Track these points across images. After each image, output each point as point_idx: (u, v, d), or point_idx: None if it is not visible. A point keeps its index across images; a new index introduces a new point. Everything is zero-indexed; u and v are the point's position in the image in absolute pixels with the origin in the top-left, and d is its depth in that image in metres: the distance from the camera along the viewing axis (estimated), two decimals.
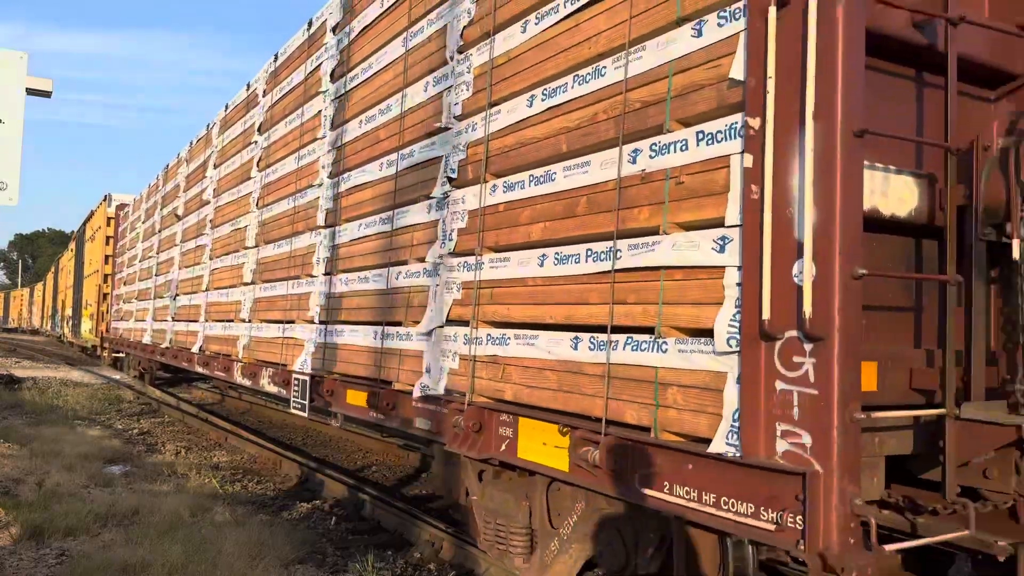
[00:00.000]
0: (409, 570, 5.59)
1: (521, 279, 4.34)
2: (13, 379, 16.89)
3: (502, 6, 4.63)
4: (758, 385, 2.91)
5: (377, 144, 6.13)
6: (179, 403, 15.17)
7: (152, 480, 8.02)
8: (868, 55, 2.90)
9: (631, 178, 3.60)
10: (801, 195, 2.78)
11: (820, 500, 2.67)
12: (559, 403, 3.94)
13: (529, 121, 4.35)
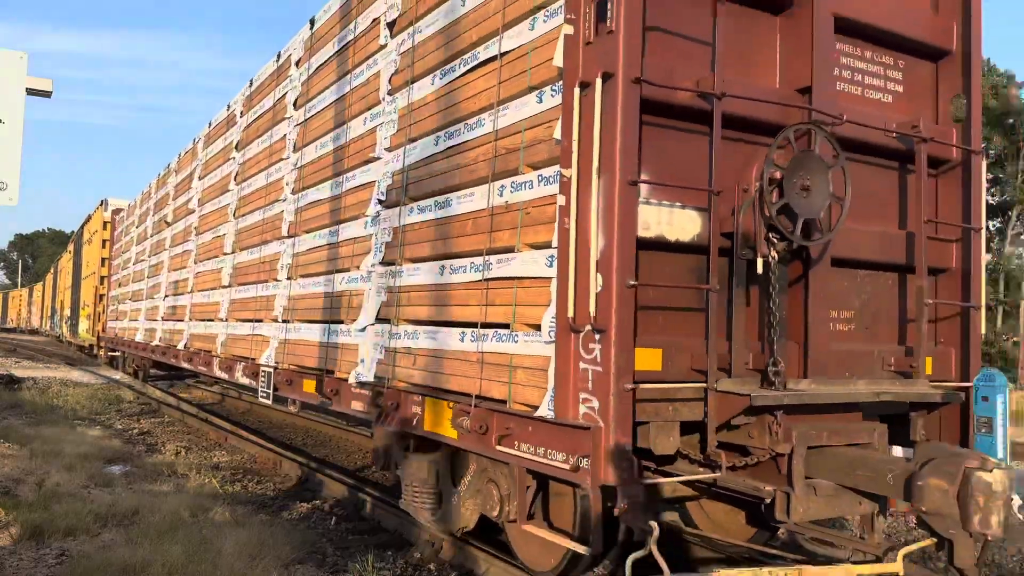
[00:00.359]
0: (409, 570, 5.58)
1: (428, 285, 5.41)
2: (13, 379, 16.90)
3: (418, 60, 5.65)
4: (568, 365, 4.01)
5: (328, 167, 7.19)
6: (179, 403, 15.17)
7: (152, 480, 8.01)
8: (663, 117, 4.08)
9: (499, 208, 4.67)
10: (595, 227, 3.87)
11: (602, 447, 3.74)
12: (453, 385, 4.99)
13: (436, 157, 5.40)
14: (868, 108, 4.86)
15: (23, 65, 5.22)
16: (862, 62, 4.93)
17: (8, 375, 17.50)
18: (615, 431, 3.75)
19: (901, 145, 4.84)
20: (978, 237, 5.09)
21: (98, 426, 12.05)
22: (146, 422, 13.04)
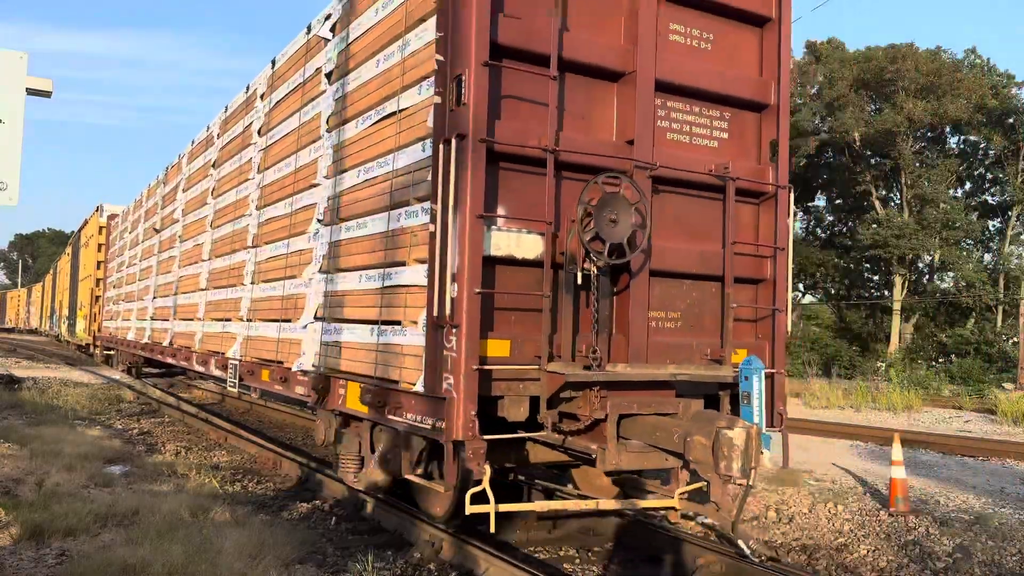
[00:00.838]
0: (409, 570, 5.58)
1: (350, 291, 6.67)
2: (13, 379, 16.89)
3: (347, 107, 6.96)
4: (435, 352, 5.22)
5: (283, 189, 8.42)
6: (179, 403, 15.16)
7: (152, 480, 8.00)
8: (517, 163, 5.34)
9: (396, 231, 5.93)
10: (452, 248, 5.09)
11: (454, 413, 5.01)
12: (364, 370, 6.22)
13: (357, 186, 6.64)
14: (694, 153, 6.14)
15: (23, 65, 5.22)
16: (691, 115, 6.20)
17: (8, 375, 17.50)
18: (464, 401, 5.02)
19: (719, 182, 6.08)
20: (783, 254, 6.34)
21: (98, 426, 12.04)
22: (146, 422, 13.04)
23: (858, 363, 31.20)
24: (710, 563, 5.62)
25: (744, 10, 6.37)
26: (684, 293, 6.14)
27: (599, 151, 5.67)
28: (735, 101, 6.35)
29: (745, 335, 6.40)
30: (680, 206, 6.05)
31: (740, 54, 6.47)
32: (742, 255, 6.26)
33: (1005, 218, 34.88)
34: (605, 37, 5.80)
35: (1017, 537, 6.26)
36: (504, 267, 5.35)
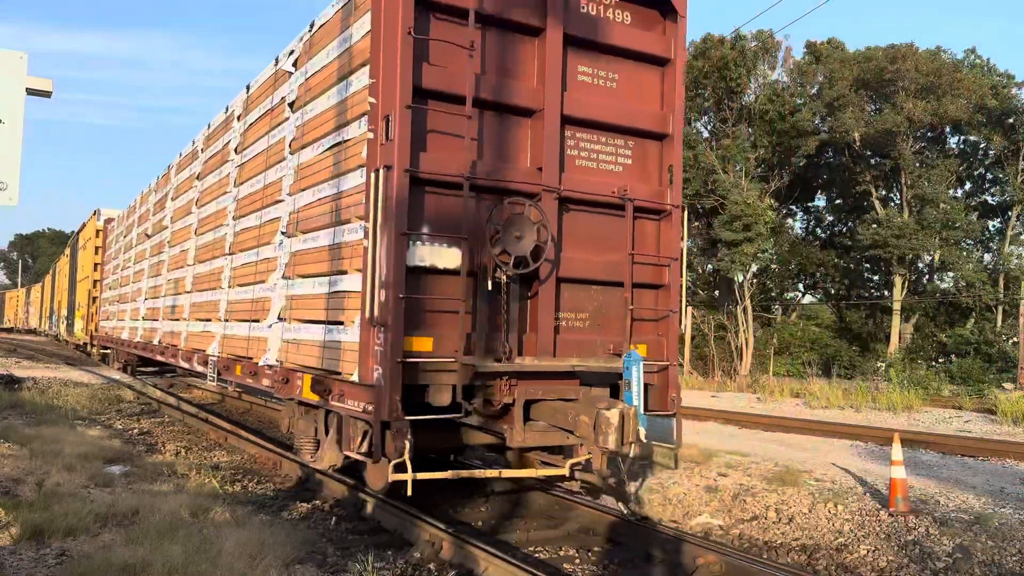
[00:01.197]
0: (409, 570, 5.59)
1: (305, 295, 7.63)
2: (13, 379, 16.88)
3: (305, 134, 7.86)
4: (368, 348, 6.10)
5: (254, 203, 9.35)
6: (179, 403, 15.16)
7: (152, 480, 8.01)
8: (441, 188, 6.25)
9: (340, 244, 6.84)
10: (380, 260, 6.01)
11: (382, 398, 5.91)
12: (317, 363, 7.17)
13: (312, 204, 7.57)
14: (601, 177, 7.07)
15: (23, 65, 5.21)
16: (598, 145, 7.16)
17: (8, 375, 17.50)
18: (390, 388, 5.94)
19: (622, 202, 7.01)
20: (677, 264, 7.47)
21: (98, 426, 12.04)
22: (146, 422, 13.04)
23: (858, 363, 31.19)
24: (710, 563, 5.62)
25: (645, 53, 7.34)
26: (591, 297, 7.10)
27: (512, 177, 6.60)
28: (638, 132, 7.34)
29: (647, 333, 7.36)
30: (588, 222, 7.03)
31: (642, 91, 7.43)
32: (643, 264, 7.28)
33: (1005, 218, 34.87)
34: (518, 81, 6.76)
35: (1017, 537, 6.26)
36: (427, 275, 6.27)
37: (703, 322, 31.33)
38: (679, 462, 8.77)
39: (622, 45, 7.23)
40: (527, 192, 6.61)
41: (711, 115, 35.17)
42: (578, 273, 6.92)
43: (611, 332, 7.10)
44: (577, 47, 7.01)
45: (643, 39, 7.36)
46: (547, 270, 6.67)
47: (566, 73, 6.92)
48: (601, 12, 7.13)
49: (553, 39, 6.76)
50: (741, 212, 28.98)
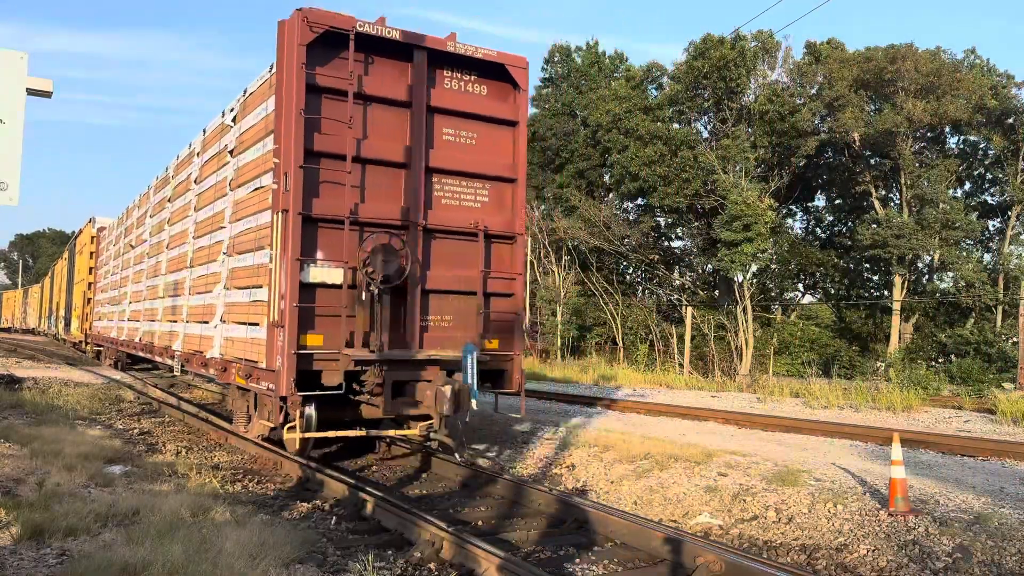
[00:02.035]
0: (409, 570, 5.60)
1: (237, 302, 9.80)
2: (14, 379, 16.89)
3: (239, 176, 10.02)
4: (272, 342, 8.20)
5: (207, 227, 11.56)
6: (180, 403, 15.16)
7: (152, 480, 8.02)
8: (331, 224, 8.39)
9: (258, 264, 8.95)
10: (281, 279, 8.09)
11: (281, 380, 8.02)
12: (243, 355, 9.30)
13: (242, 232, 9.76)
14: (463, 213, 9.35)
15: (23, 65, 5.22)
16: (460, 188, 9.36)
17: (9, 375, 17.50)
18: (286, 372, 8.03)
19: (485, 231, 9.36)
20: (521, 277, 9.68)
21: (98, 426, 12.05)
22: (146, 422, 13.05)
23: (858, 363, 31.17)
24: (710, 562, 5.62)
25: (498, 117, 9.60)
26: (454, 303, 9.24)
27: (386, 215, 8.79)
28: (493, 177, 9.57)
29: (500, 331, 9.52)
30: (451, 246, 9.24)
31: (496, 146, 9.62)
32: (496, 278, 9.47)
33: (1005, 218, 34.85)
34: (392, 142, 8.91)
35: (1017, 537, 6.26)
36: (319, 288, 8.40)
37: (703, 322, 31.32)
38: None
39: (479, 112, 9.50)
40: (398, 226, 8.81)
41: (711, 115, 35.16)
42: (442, 285, 9.14)
43: (470, 330, 9.23)
44: (442, 114, 9.27)
45: (496, 107, 9.60)
46: (413, 283, 8.85)
47: (432, 134, 9.19)
48: (462, 87, 9.47)
49: (419, 110, 9.00)
50: (741, 212, 28.97)
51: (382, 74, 8.86)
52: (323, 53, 8.40)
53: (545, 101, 42.82)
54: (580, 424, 12.17)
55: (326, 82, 8.42)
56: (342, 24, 8.39)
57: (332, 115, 8.44)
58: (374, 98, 8.78)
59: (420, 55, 9.02)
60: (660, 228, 40.21)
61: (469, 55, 9.30)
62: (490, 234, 9.42)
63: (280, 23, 8.45)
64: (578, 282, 37.33)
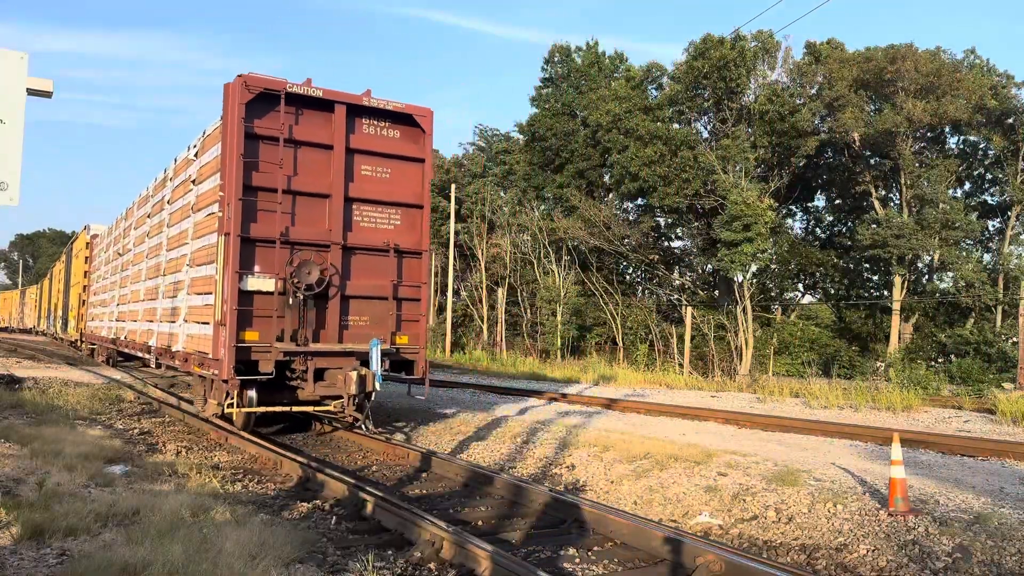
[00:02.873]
0: (409, 570, 5.60)
1: (195, 305, 11.58)
2: (14, 379, 16.89)
3: (199, 202, 11.79)
4: (218, 338, 10.27)
5: (176, 242, 13.37)
6: (180, 403, 15.15)
7: (153, 480, 8.02)
8: (266, 244, 10.40)
9: (209, 275, 10.89)
10: (225, 287, 10.13)
11: (223, 367, 10.06)
12: (199, 348, 11.21)
13: (200, 249, 11.62)
14: (378, 234, 11.30)
15: (23, 65, 5.22)
16: (376, 213, 11.30)
17: (9, 375, 17.50)
18: (228, 361, 9.84)
19: (395, 249, 11.36)
20: (426, 286, 11.80)
21: (99, 426, 12.05)
22: (147, 422, 13.05)
23: (857, 363, 31.17)
24: (710, 562, 5.62)
25: (408, 156, 11.56)
26: (370, 306, 11.23)
27: (312, 237, 10.73)
28: (404, 204, 11.54)
29: (409, 329, 11.54)
30: (368, 260, 11.22)
31: (407, 178, 11.57)
32: (407, 286, 11.53)
33: (1005, 218, 34.85)
34: (318, 177, 10.88)
35: (1016, 537, 6.26)
36: (257, 295, 10.34)
37: (703, 322, 31.33)
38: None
39: (392, 152, 11.43)
40: (322, 244, 10.77)
41: (711, 115, 35.16)
42: (360, 292, 11.10)
43: (385, 329, 11.24)
44: (361, 153, 11.20)
45: (406, 147, 11.56)
46: (334, 291, 10.81)
47: (352, 170, 11.11)
48: (378, 132, 11.38)
49: (340, 151, 10.96)
50: (741, 212, 28.98)
51: (309, 123, 10.81)
52: (260, 108, 10.37)
53: (545, 101, 42.83)
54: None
55: (262, 131, 10.38)
56: (274, 86, 10.39)
57: (267, 157, 10.42)
58: (303, 142, 10.76)
59: (340, 108, 10.96)
60: (660, 228, 40.23)
61: (382, 107, 11.21)
62: (401, 250, 11.47)
63: (225, 85, 10.33)
64: (578, 282, 37.33)
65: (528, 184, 41.96)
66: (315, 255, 10.58)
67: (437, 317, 44.69)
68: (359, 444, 11.46)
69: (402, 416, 14.06)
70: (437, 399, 16.15)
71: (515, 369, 28.91)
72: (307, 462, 9.06)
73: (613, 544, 6.57)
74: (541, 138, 41.00)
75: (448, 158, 51.08)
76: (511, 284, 40.94)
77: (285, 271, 10.33)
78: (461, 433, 12.24)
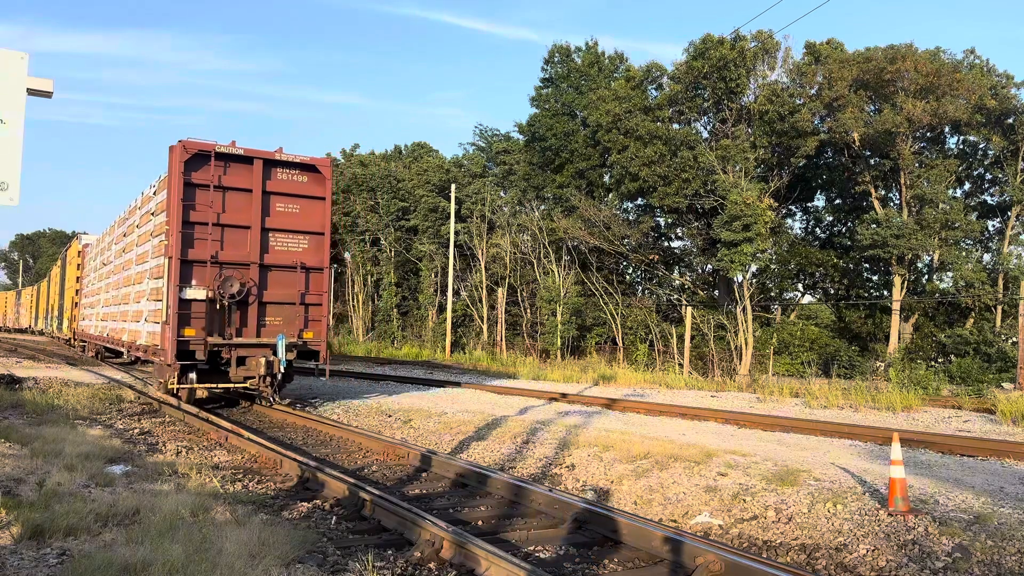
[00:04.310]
0: (409, 569, 5.60)
1: (152, 309, 15.24)
2: (14, 379, 16.90)
3: (157, 229, 15.19)
4: (165, 333, 13.90)
5: (144, 258, 16.38)
6: (180, 403, 15.16)
7: (153, 480, 8.02)
8: (199, 263, 14.03)
9: (159, 287, 14.65)
10: (169, 295, 13.79)
11: (167, 355, 13.78)
12: (152, 342, 15.22)
13: (158, 266, 14.76)
14: (290, 255, 14.76)
15: (24, 65, 5.22)
16: (288, 239, 14.75)
17: (9, 375, 17.51)
18: (171, 350, 13.52)
19: (302, 265, 14.86)
20: (327, 294, 15.21)
21: (99, 426, 12.05)
22: (147, 422, 13.05)
23: (857, 363, 31.16)
24: (710, 562, 5.63)
25: (313, 195, 15.05)
26: (284, 309, 14.63)
27: (236, 258, 14.03)
28: (310, 232, 15.00)
29: (315, 327, 14.98)
30: (282, 275, 14.64)
31: (313, 212, 15.04)
32: (312, 294, 14.93)
33: (1005, 218, 34.84)
34: (242, 213, 14.21)
35: (1016, 537, 6.27)
36: (193, 302, 13.56)
37: (703, 322, 31.32)
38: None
39: (300, 192, 14.97)
40: (243, 263, 14.19)
41: (711, 115, 35.16)
42: (276, 299, 14.58)
43: (294, 327, 14.69)
44: (276, 195, 14.68)
45: (312, 188, 15.09)
46: (253, 298, 14.24)
47: (269, 207, 14.59)
48: (289, 177, 14.92)
49: (257, 194, 14.42)
50: (740, 212, 28.96)
51: (234, 173, 14.28)
52: (196, 163, 13.84)
53: (545, 101, 42.80)
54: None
55: (198, 180, 13.86)
56: (206, 148, 13.95)
57: (201, 200, 13.87)
58: (229, 187, 14.21)
59: (258, 161, 14.49)
60: (660, 228, 40.21)
61: (290, 160, 14.87)
62: (307, 267, 14.97)
63: (170, 147, 13.94)
64: (578, 282, 37.32)
65: (528, 184, 41.95)
66: (237, 272, 14.03)
67: (437, 317, 44.70)
68: (359, 444, 11.47)
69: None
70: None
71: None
72: (307, 462, 9.06)
73: (613, 543, 6.57)
74: (541, 138, 40.98)
75: (448, 158, 51.10)
76: (511, 284, 40.94)
77: (214, 284, 13.76)
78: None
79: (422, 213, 46.22)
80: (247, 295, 14.00)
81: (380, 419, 14.47)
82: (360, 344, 45.38)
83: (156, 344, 14.39)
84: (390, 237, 48.76)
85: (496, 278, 41.50)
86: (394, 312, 48.38)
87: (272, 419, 14.46)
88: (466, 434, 12.20)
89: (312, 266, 14.88)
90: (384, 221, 48.70)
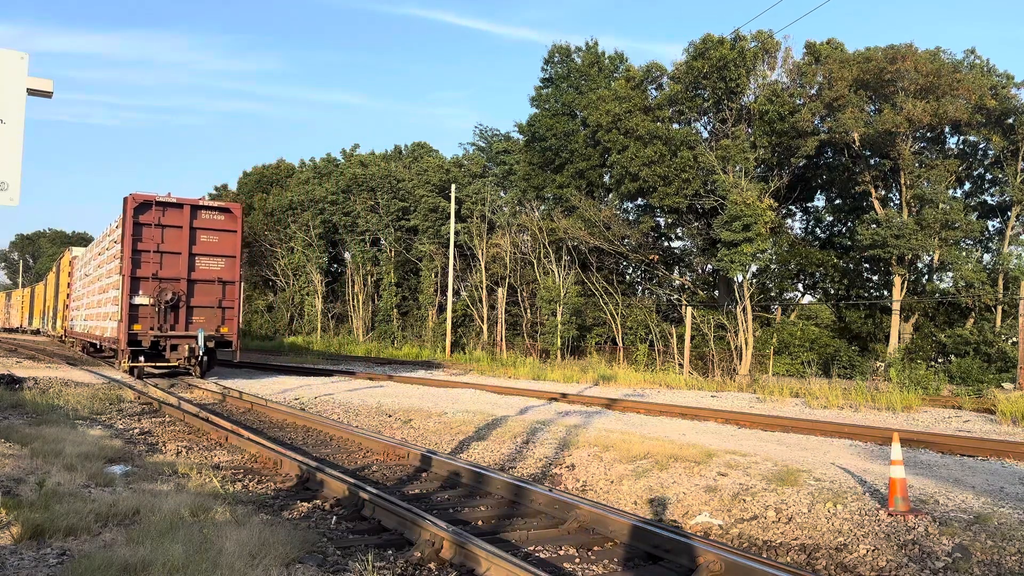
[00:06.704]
0: (409, 569, 5.60)
1: (115, 311, 21.87)
2: (14, 379, 16.90)
3: (121, 253, 21.49)
4: (120, 328, 20.86)
5: (113, 272, 22.62)
6: (180, 403, 15.15)
7: (153, 480, 8.02)
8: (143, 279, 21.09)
9: (118, 295, 21.75)
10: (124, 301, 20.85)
11: (120, 342, 20.97)
12: (115, 334, 21.68)
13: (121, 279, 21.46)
14: (212, 272, 21.65)
15: (24, 65, 5.22)
16: (210, 260, 21.64)
17: (9, 375, 17.51)
18: (124, 340, 20.60)
19: (219, 279, 21.76)
20: (238, 300, 22.19)
21: (99, 426, 12.05)
22: (147, 422, 13.05)
23: (857, 363, 31.16)
24: (710, 562, 5.63)
25: (228, 229, 21.73)
26: (206, 311, 21.30)
27: (171, 275, 20.88)
28: (226, 256, 21.67)
29: (230, 324, 21.47)
30: (206, 287, 21.35)
31: (228, 242, 21.68)
32: (228, 300, 21.64)
33: (1005, 218, 34.83)
34: (176, 243, 21.00)
35: (1017, 537, 6.27)
36: (140, 306, 20.59)
37: (703, 322, 31.32)
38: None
39: (219, 227, 21.48)
40: (176, 279, 20.75)
41: (711, 115, 35.16)
42: (201, 303, 21.04)
43: (214, 323, 21.11)
44: (201, 229, 21.19)
45: (227, 224, 21.63)
46: (183, 303, 20.73)
47: (195, 239, 21.12)
48: (211, 216, 21.46)
49: (186, 229, 20.92)
50: (740, 212, 28.96)
51: (171, 215, 20.76)
52: (143, 208, 20.34)
53: (545, 101, 42.80)
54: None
55: (144, 221, 20.32)
56: (150, 198, 20.40)
57: (147, 235, 20.39)
58: (166, 225, 20.67)
59: (187, 207, 21.00)
60: (660, 228, 40.20)
61: (211, 205, 21.77)
62: (223, 281, 21.45)
63: (124, 197, 20.45)
64: (578, 282, 37.32)
65: (528, 184, 41.95)
66: (172, 284, 20.63)
67: (437, 317, 44.70)
68: (359, 444, 11.48)
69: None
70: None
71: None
72: (307, 462, 9.06)
73: (613, 543, 6.57)
74: (541, 138, 40.98)
75: (448, 158, 51.09)
76: (511, 284, 40.94)
77: (155, 293, 20.33)
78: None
79: (422, 213, 46.24)
80: (179, 301, 20.71)
81: (380, 419, 14.47)
82: (360, 344, 45.39)
83: (117, 337, 20.88)
84: (390, 237, 48.79)
85: (496, 278, 41.50)
86: (394, 312, 48.41)
87: (272, 419, 14.46)
88: (466, 434, 12.20)
89: (227, 280, 21.59)
90: (384, 221, 48.73)
